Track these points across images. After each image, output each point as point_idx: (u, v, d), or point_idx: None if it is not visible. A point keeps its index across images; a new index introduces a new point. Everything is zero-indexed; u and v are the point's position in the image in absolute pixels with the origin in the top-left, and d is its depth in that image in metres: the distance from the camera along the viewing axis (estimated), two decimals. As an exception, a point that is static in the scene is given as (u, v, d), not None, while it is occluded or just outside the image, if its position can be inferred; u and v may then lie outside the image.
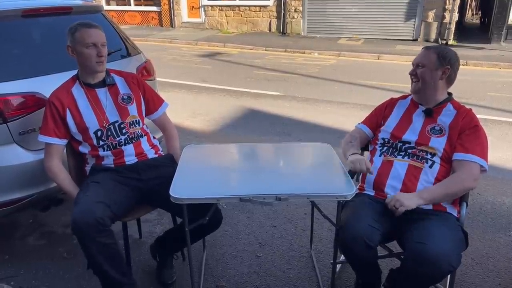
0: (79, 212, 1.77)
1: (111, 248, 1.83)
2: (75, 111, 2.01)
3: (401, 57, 8.99)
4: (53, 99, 2.00)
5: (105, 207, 1.81)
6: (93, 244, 1.77)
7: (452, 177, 1.82)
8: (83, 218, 1.74)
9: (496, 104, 5.66)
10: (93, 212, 1.75)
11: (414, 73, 1.93)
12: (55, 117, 1.99)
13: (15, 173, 2.18)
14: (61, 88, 2.03)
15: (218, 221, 2.01)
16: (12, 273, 2.32)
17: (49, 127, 1.99)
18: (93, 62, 1.96)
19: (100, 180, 1.96)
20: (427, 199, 1.76)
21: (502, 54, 9.12)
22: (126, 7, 14.76)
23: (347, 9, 11.49)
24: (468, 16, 19.09)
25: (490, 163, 1.90)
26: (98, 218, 1.75)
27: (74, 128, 2.01)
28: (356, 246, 1.70)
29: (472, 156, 1.80)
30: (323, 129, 4.75)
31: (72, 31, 1.95)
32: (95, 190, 1.89)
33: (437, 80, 1.88)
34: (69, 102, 2.00)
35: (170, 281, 2.21)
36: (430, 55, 1.87)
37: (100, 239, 1.78)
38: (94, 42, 1.94)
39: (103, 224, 1.77)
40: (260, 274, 2.32)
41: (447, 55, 1.86)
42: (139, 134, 2.14)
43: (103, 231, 1.78)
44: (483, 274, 2.31)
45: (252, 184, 1.76)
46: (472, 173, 1.79)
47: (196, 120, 5.10)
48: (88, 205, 1.79)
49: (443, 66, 1.86)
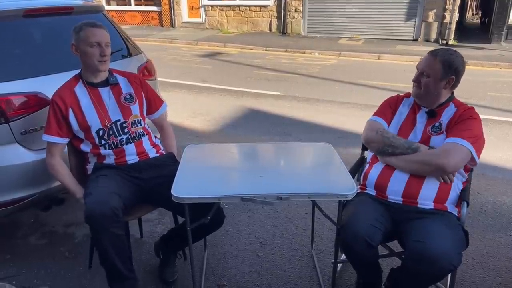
0: (94, 202, 1.78)
1: (121, 239, 1.85)
2: (78, 110, 2.01)
3: (402, 57, 8.99)
4: (56, 98, 2.01)
5: (119, 198, 1.84)
6: (106, 234, 1.79)
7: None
8: (99, 208, 1.75)
9: (497, 104, 5.66)
10: (108, 202, 1.77)
11: (418, 80, 1.88)
12: (58, 116, 2.00)
13: (17, 173, 2.18)
14: (64, 87, 2.04)
15: (221, 221, 2.02)
16: (14, 273, 2.32)
17: (52, 127, 2.00)
18: (96, 61, 1.98)
19: (107, 174, 1.98)
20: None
21: (502, 54, 9.12)
22: (126, 7, 14.77)
23: (348, 9, 11.49)
24: (468, 16, 19.09)
25: (490, 163, 1.89)
26: (114, 208, 1.77)
27: (76, 126, 2.02)
28: (357, 246, 1.70)
29: (454, 139, 1.75)
30: (324, 129, 4.75)
31: (77, 30, 1.98)
32: (106, 181, 1.91)
33: (441, 89, 1.85)
34: (72, 101, 2.01)
35: (171, 279, 2.21)
36: (435, 64, 1.81)
37: (114, 229, 1.79)
38: (98, 42, 1.96)
39: (118, 214, 1.79)
40: (261, 273, 2.32)
41: (453, 64, 1.80)
42: (140, 133, 2.15)
43: (117, 222, 1.80)
44: (483, 274, 2.31)
45: (253, 184, 1.76)
46: (447, 151, 1.73)
47: (196, 120, 5.11)
48: (102, 195, 1.81)
49: (448, 76, 1.81)
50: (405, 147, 1.83)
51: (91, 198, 1.81)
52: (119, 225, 1.82)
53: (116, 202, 1.81)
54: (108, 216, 1.76)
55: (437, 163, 1.73)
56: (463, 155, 1.73)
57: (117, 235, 1.82)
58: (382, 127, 1.95)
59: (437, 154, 1.75)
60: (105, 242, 1.81)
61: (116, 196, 1.84)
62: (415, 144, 1.83)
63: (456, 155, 1.72)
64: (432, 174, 1.79)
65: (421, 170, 1.79)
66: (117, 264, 1.87)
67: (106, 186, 1.87)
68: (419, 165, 1.79)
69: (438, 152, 1.76)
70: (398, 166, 1.85)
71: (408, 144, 1.84)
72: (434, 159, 1.74)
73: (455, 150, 1.73)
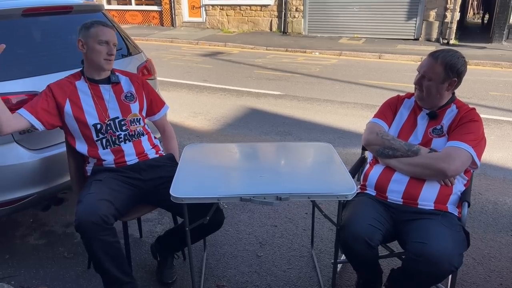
0: (83, 210, 1.77)
1: (114, 246, 1.83)
2: (76, 103, 2.01)
3: (402, 57, 8.98)
4: (53, 86, 2.00)
5: (109, 205, 1.82)
6: (96, 242, 1.77)
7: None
8: (87, 216, 1.74)
9: (498, 104, 5.65)
10: (97, 210, 1.76)
11: (419, 83, 1.87)
12: (49, 102, 1.97)
13: (16, 173, 2.17)
14: (65, 79, 2.05)
15: (220, 221, 2.01)
16: (13, 273, 2.31)
17: (31, 105, 1.94)
18: (102, 59, 1.99)
19: (103, 178, 1.96)
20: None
21: (503, 54, 9.09)
22: (127, 7, 14.77)
23: (348, 9, 11.47)
24: (469, 15, 19.06)
25: (491, 163, 1.88)
26: (102, 215, 1.75)
27: (71, 120, 2.00)
28: (357, 246, 1.69)
29: (455, 142, 1.74)
30: (324, 129, 4.74)
31: (87, 26, 1.99)
32: (98, 188, 1.89)
33: (443, 91, 1.84)
34: (71, 93, 2.01)
35: (170, 281, 2.20)
36: (437, 68, 1.79)
37: (104, 237, 1.78)
38: (107, 40, 1.98)
39: (107, 222, 1.77)
40: (260, 273, 2.31)
41: (454, 66, 1.78)
42: (140, 132, 2.14)
43: (107, 229, 1.78)
44: (484, 274, 2.30)
45: (253, 184, 1.75)
46: (448, 155, 1.72)
47: (196, 120, 5.10)
48: (92, 203, 1.79)
49: (450, 78, 1.80)
50: (406, 150, 1.82)
51: (80, 206, 1.79)
52: (109, 232, 1.80)
53: (106, 209, 1.78)
54: (97, 224, 1.74)
55: (438, 168, 1.72)
56: (464, 159, 1.72)
57: (108, 242, 1.80)
58: (382, 129, 1.94)
59: (438, 158, 1.74)
60: (96, 250, 1.80)
61: (106, 202, 1.81)
62: (416, 146, 1.82)
63: (457, 159, 1.71)
64: (432, 177, 1.78)
65: (421, 174, 1.78)
66: (111, 270, 1.86)
67: (97, 192, 1.85)
68: (419, 168, 1.78)
69: (439, 156, 1.75)
70: (398, 168, 1.84)
71: (408, 146, 1.83)
72: (435, 163, 1.73)
73: (456, 154, 1.72)
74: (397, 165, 1.84)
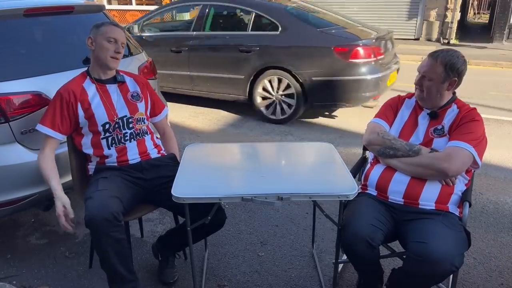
0: (95, 207, 1.77)
1: (121, 243, 1.84)
2: (87, 105, 2.02)
3: (403, 56, 8.96)
4: (63, 92, 2.01)
5: (119, 202, 1.84)
6: (106, 238, 1.78)
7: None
8: (100, 213, 1.74)
9: (498, 104, 5.65)
10: (109, 207, 1.77)
11: (420, 83, 1.87)
12: (63, 109, 2.00)
13: (17, 173, 2.18)
14: (73, 82, 2.06)
15: (222, 221, 2.01)
16: (14, 272, 2.32)
17: (49, 119, 1.99)
18: (109, 56, 2.01)
19: (108, 176, 1.97)
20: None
21: (504, 54, 9.10)
22: (127, 6, 14.76)
23: (349, 8, 11.47)
24: (470, 15, 19.05)
25: (492, 162, 1.88)
26: (114, 212, 1.76)
27: (83, 120, 2.03)
28: (358, 246, 1.69)
29: (456, 142, 1.75)
30: (325, 129, 4.74)
31: (98, 25, 2.03)
32: (107, 185, 1.90)
33: (444, 91, 1.84)
34: (81, 96, 2.02)
35: (171, 280, 2.21)
36: (437, 67, 1.80)
37: (114, 234, 1.79)
38: (116, 38, 2.01)
39: (118, 218, 1.78)
40: (261, 273, 2.32)
41: (454, 65, 1.78)
42: (144, 131, 2.16)
43: (117, 226, 1.79)
44: (485, 274, 2.30)
45: (254, 184, 1.75)
46: (449, 155, 1.72)
47: (197, 119, 5.11)
48: (103, 200, 1.80)
49: (450, 78, 1.80)
50: (407, 150, 1.82)
51: (91, 202, 1.80)
52: (119, 229, 1.81)
53: (117, 206, 1.80)
54: (109, 220, 1.75)
55: (439, 167, 1.73)
56: (465, 159, 1.73)
57: (117, 239, 1.81)
58: (383, 129, 1.95)
59: (439, 158, 1.74)
60: (105, 246, 1.81)
61: (116, 199, 1.83)
62: (417, 146, 1.83)
63: (458, 159, 1.72)
64: (434, 177, 1.78)
65: (422, 174, 1.79)
66: (117, 267, 1.86)
67: (107, 189, 1.87)
68: (420, 168, 1.78)
69: (440, 156, 1.75)
70: (399, 168, 1.84)
71: (409, 146, 1.83)
72: (436, 163, 1.73)
73: (457, 154, 1.72)
74: (398, 165, 1.85)
